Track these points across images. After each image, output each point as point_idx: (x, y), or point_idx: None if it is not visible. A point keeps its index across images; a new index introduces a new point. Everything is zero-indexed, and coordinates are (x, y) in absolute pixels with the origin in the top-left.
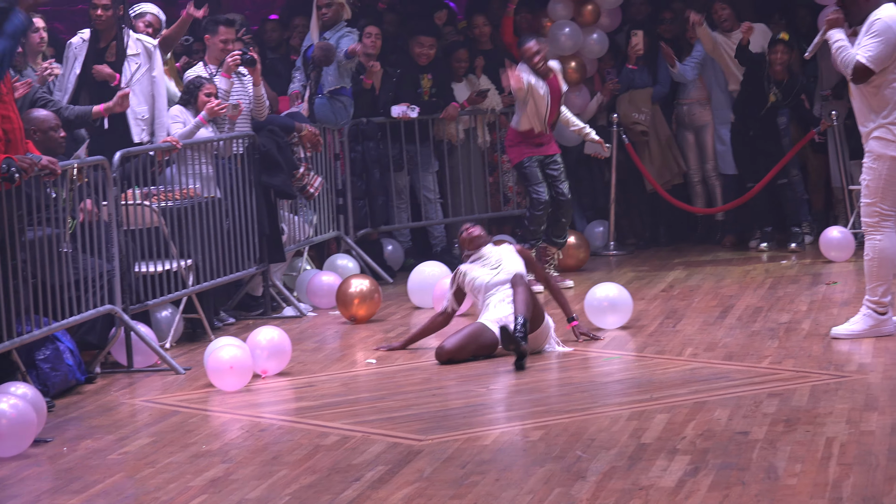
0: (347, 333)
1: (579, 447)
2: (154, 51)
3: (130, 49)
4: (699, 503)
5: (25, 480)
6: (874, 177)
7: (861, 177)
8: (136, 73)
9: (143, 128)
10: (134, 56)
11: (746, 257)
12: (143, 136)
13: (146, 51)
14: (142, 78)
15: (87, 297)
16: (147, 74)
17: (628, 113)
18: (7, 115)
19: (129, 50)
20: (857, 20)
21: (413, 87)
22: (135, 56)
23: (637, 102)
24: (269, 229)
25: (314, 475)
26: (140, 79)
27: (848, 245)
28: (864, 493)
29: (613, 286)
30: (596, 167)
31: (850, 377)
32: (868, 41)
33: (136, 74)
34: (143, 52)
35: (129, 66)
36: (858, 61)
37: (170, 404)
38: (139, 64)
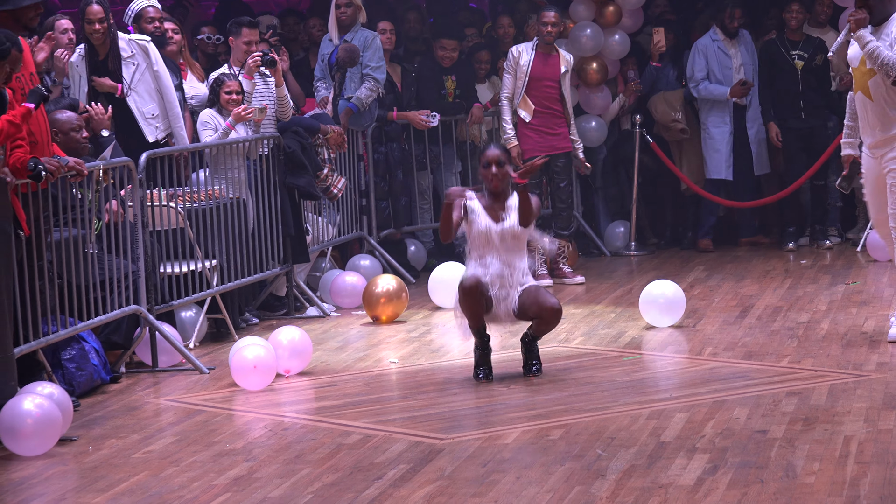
0: (370, 333)
1: (599, 446)
2: (148, 45)
3: (125, 52)
4: (718, 501)
5: (51, 479)
6: None
7: (890, 184)
8: (136, 73)
9: (155, 125)
10: (130, 58)
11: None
12: (158, 133)
13: (141, 49)
14: (143, 77)
15: (113, 297)
16: (148, 71)
17: (667, 112)
18: (35, 118)
19: (124, 53)
20: (879, 19)
21: (437, 89)
22: (130, 58)
23: (672, 102)
24: (294, 230)
25: (336, 474)
26: (141, 78)
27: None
28: (881, 491)
29: (670, 284)
30: (623, 170)
31: (869, 376)
32: None
33: (135, 75)
34: (139, 52)
35: (127, 70)
36: None
37: (194, 403)
38: (136, 64)
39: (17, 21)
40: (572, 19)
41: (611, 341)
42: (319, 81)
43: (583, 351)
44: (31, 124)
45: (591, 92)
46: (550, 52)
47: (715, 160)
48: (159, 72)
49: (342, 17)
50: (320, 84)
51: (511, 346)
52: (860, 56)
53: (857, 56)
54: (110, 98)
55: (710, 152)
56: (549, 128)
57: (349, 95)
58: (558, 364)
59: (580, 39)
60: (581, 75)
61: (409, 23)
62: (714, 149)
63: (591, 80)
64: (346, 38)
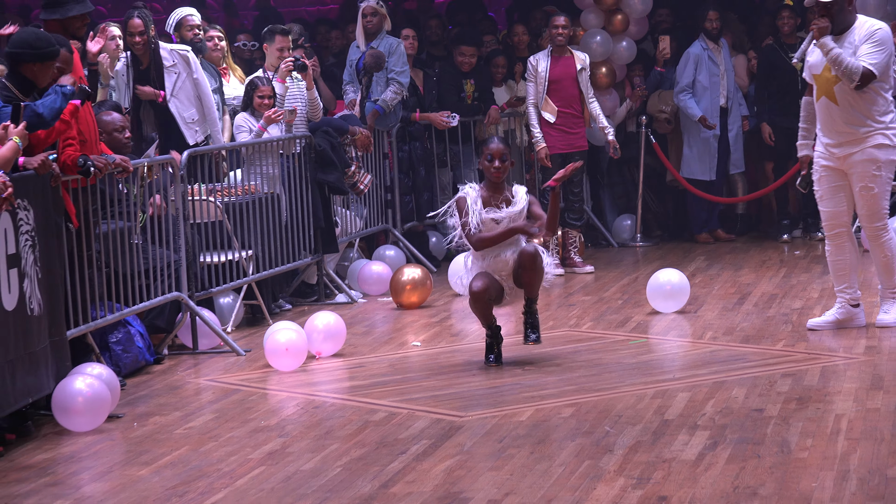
0: (395, 318)
1: (607, 423)
2: (189, 55)
3: (167, 61)
4: (717, 475)
5: (99, 453)
6: (879, 183)
7: (860, 187)
8: (178, 81)
9: (195, 129)
10: (171, 67)
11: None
12: (198, 136)
13: (182, 59)
14: (183, 85)
15: (156, 284)
16: (188, 79)
17: (657, 105)
18: (84, 117)
19: (166, 62)
20: (840, 28)
21: (457, 92)
22: (172, 67)
23: (665, 99)
24: (324, 222)
25: (363, 448)
26: (182, 86)
27: None
28: (869, 465)
29: (675, 272)
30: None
31: (858, 359)
32: (872, 49)
33: (177, 83)
34: (180, 61)
35: (169, 78)
36: (866, 68)
37: (231, 383)
38: (178, 73)
39: (65, 30)
40: (583, 27)
41: (618, 326)
42: (347, 85)
43: (592, 335)
44: (81, 124)
45: (600, 94)
46: (564, 54)
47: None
48: (199, 79)
49: (368, 25)
50: (348, 87)
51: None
52: (823, 63)
53: (820, 63)
54: (153, 103)
55: (695, 154)
56: (568, 127)
57: (375, 98)
58: (569, 347)
59: (590, 46)
60: (591, 79)
61: (430, 29)
62: (702, 151)
63: (601, 83)
64: (372, 44)
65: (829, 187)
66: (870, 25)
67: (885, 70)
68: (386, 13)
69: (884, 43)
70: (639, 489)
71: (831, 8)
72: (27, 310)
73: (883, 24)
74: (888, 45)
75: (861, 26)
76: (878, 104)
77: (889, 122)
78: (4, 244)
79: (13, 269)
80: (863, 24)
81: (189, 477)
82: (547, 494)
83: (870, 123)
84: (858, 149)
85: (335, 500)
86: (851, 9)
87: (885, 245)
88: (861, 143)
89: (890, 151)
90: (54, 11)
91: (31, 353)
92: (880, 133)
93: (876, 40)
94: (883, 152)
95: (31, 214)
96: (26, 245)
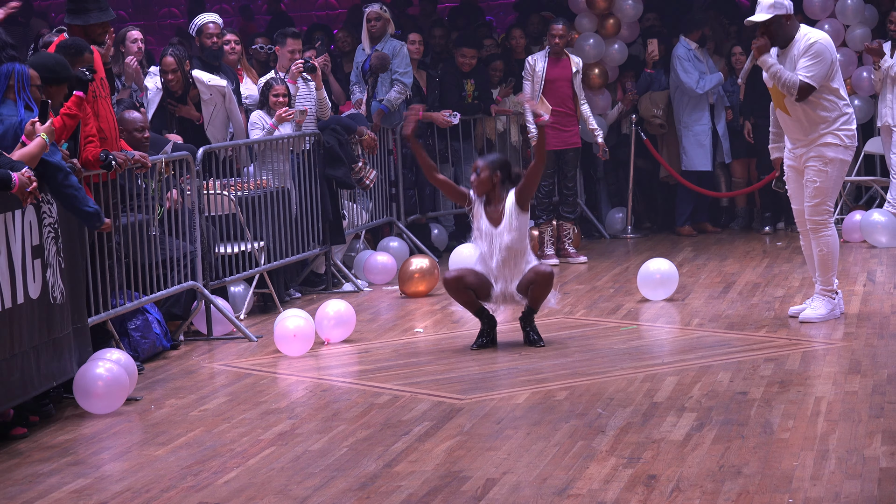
0: (399, 306)
1: (600, 405)
2: (225, 89)
3: (204, 94)
4: (704, 454)
5: (118, 434)
6: (824, 179)
7: (806, 179)
8: (213, 111)
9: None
10: (208, 100)
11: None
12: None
13: (218, 93)
14: (218, 114)
15: (173, 274)
16: (223, 110)
17: (649, 108)
18: (105, 116)
19: (204, 96)
20: (781, 42)
21: (458, 92)
22: (209, 100)
23: (656, 101)
24: (332, 215)
25: (369, 429)
26: (217, 114)
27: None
28: (847, 445)
29: (665, 262)
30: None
31: (837, 344)
32: (808, 62)
33: (213, 113)
34: (216, 94)
35: (206, 109)
36: (803, 81)
37: (243, 368)
38: (214, 104)
39: (87, 36)
40: (577, 30)
41: (610, 313)
42: (354, 86)
43: (585, 322)
44: (101, 121)
45: (593, 94)
46: (561, 57)
47: (699, 154)
48: (232, 109)
49: (373, 29)
50: (355, 88)
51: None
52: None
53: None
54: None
55: (694, 147)
56: (562, 125)
57: (381, 98)
58: (563, 333)
59: (584, 48)
60: (584, 80)
61: (434, 38)
62: (699, 143)
63: (594, 83)
64: (377, 47)
65: (794, 186)
66: (807, 38)
67: (823, 80)
68: (389, 17)
69: (820, 55)
70: (629, 468)
71: (770, 26)
72: (50, 298)
73: (820, 36)
74: (825, 55)
75: (801, 39)
76: (828, 111)
77: (840, 125)
78: (29, 235)
79: (37, 259)
80: (803, 36)
81: (203, 457)
82: (542, 473)
83: (820, 129)
84: (810, 148)
85: (342, 478)
86: (790, 23)
87: (822, 240)
88: (812, 143)
89: (838, 150)
90: (77, 17)
91: (55, 339)
92: (831, 134)
93: (812, 53)
94: (831, 150)
95: (53, 207)
96: (49, 237)
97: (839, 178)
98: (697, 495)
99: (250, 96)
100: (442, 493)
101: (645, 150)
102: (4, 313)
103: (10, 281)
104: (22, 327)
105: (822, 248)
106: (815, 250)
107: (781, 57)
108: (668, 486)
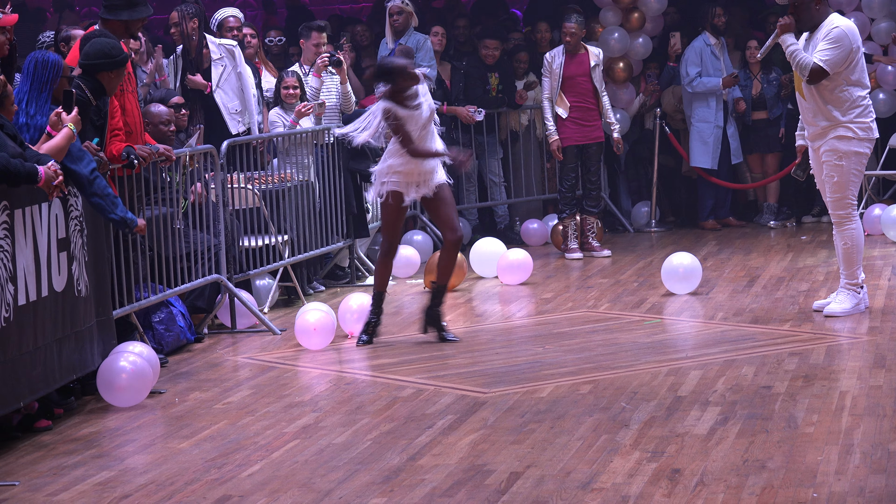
0: (423, 300)
1: (623, 399)
2: (235, 49)
3: (214, 54)
4: (728, 448)
5: (142, 427)
6: (841, 173)
7: (825, 175)
8: (223, 73)
9: (238, 120)
10: (218, 60)
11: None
12: (240, 127)
13: (228, 52)
14: (229, 77)
15: (197, 267)
16: (233, 73)
17: (672, 102)
18: (131, 110)
19: (213, 55)
20: (808, 26)
21: (482, 85)
22: (219, 60)
23: (678, 95)
24: (356, 209)
25: (392, 423)
26: (227, 78)
27: None
28: (872, 440)
29: (688, 255)
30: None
31: (861, 338)
32: (825, 46)
33: (223, 75)
34: (227, 55)
35: (215, 69)
36: (816, 64)
37: (267, 361)
38: (224, 66)
39: (127, 30)
40: (602, 24)
41: (633, 307)
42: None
43: (609, 316)
44: (127, 116)
45: (617, 88)
46: (579, 51)
47: (702, 151)
48: (242, 73)
49: (396, 23)
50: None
51: (545, 310)
52: None
53: None
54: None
55: (698, 143)
56: (585, 120)
57: None
58: (587, 327)
59: (609, 42)
60: (609, 73)
61: (458, 29)
62: (702, 141)
63: (618, 77)
64: (400, 41)
65: (818, 178)
66: (830, 24)
67: (839, 67)
68: (412, 11)
69: (839, 41)
70: (653, 462)
71: (798, 6)
72: (75, 291)
73: (844, 23)
74: (843, 42)
75: (827, 24)
76: (843, 101)
77: (854, 117)
78: (56, 228)
79: (63, 252)
80: (829, 22)
81: (227, 449)
82: (566, 467)
83: (834, 119)
84: (824, 141)
85: (365, 471)
86: (820, 8)
87: (846, 234)
88: (825, 135)
89: (852, 143)
90: (121, 13)
91: (78, 331)
92: (843, 126)
93: (831, 38)
94: (844, 144)
95: (79, 201)
96: (75, 230)
97: (858, 170)
98: (721, 489)
99: (270, 89)
100: (466, 487)
101: (668, 143)
102: (29, 306)
103: (35, 274)
104: (45, 320)
105: (846, 242)
106: (839, 244)
107: (808, 42)
108: (692, 480)
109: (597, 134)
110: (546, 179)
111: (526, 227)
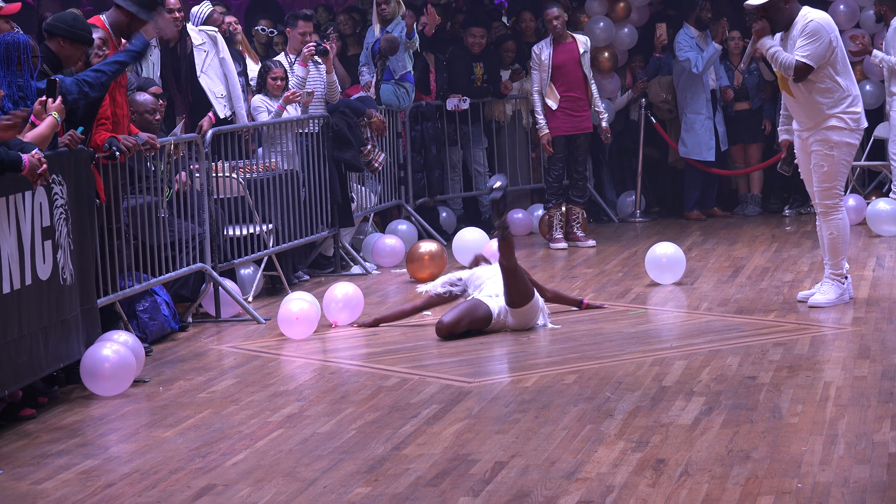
0: (407, 289)
1: (608, 389)
2: (217, 36)
3: (196, 40)
4: (713, 439)
5: (126, 416)
6: (832, 163)
7: (813, 164)
8: (206, 59)
9: (223, 104)
10: (201, 45)
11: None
12: (226, 111)
13: (210, 38)
14: (212, 62)
15: (181, 256)
16: (216, 58)
17: (658, 92)
18: (121, 102)
19: (195, 41)
20: (782, 26)
21: (467, 75)
22: (201, 45)
23: (665, 85)
24: (341, 198)
25: (377, 412)
26: (211, 63)
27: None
28: (856, 430)
29: (671, 245)
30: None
31: (846, 329)
32: (804, 42)
33: (206, 60)
34: (209, 40)
35: (198, 55)
36: (799, 61)
37: (252, 350)
38: (206, 51)
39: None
40: (587, 13)
41: (618, 297)
42: (363, 67)
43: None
44: (116, 107)
45: (602, 77)
46: (566, 39)
47: (700, 143)
48: (224, 59)
49: (383, 12)
50: (364, 69)
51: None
52: None
53: None
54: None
55: (693, 136)
56: (573, 111)
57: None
58: (572, 317)
59: (594, 31)
60: (594, 63)
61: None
62: (697, 132)
63: (603, 66)
64: (387, 30)
65: (805, 169)
66: (805, 18)
67: (821, 59)
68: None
69: (816, 33)
70: (638, 452)
71: (768, 9)
72: (60, 279)
73: (818, 16)
74: (821, 34)
75: (801, 19)
76: (830, 93)
77: (845, 107)
78: (40, 217)
79: (48, 240)
80: (803, 17)
81: (211, 438)
82: (551, 457)
83: (825, 112)
84: (815, 131)
85: (350, 461)
86: (789, 6)
87: (833, 224)
88: (817, 126)
89: (843, 133)
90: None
91: (63, 320)
92: (835, 117)
93: (807, 33)
94: (836, 133)
95: (64, 189)
96: (60, 218)
97: (847, 161)
98: (706, 479)
99: (254, 78)
100: (450, 476)
101: (653, 134)
102: (13, 294)
103: (19, 262)
104: (30, 309)
105: (832, 232)
106: (825, 234)
107: (784, 40)
108: (677, 470)
109: (585, 125)
110: (531, 169)
111: (511, 216)
